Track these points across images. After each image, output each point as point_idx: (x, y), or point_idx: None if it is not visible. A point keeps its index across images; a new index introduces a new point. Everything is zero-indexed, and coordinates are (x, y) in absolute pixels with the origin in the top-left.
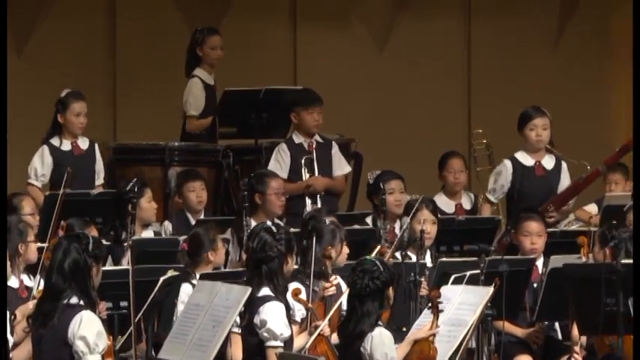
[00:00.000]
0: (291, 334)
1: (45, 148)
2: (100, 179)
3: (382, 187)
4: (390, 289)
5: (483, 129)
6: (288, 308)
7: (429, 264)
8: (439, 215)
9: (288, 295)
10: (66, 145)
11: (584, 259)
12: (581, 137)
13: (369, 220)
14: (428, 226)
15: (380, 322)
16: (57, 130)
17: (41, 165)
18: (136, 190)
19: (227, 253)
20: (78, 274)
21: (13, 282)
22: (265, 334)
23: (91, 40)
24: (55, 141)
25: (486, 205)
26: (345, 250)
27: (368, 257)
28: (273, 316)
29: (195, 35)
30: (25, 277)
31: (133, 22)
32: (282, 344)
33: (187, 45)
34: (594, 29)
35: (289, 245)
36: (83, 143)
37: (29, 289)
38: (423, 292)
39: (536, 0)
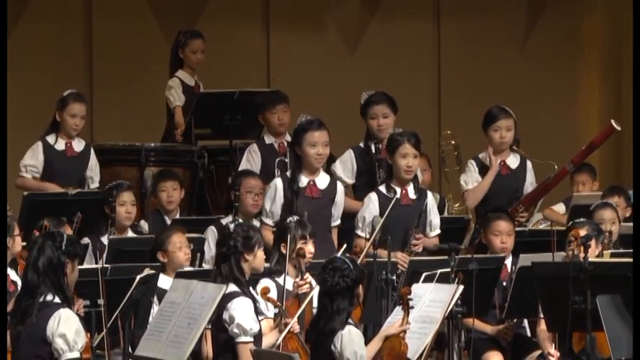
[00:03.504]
0: (260, 329)
1: (39, 144)
2: (95, 183)
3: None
4: (360, 287)
5: (453, 130)
6: (255, 303)
7: (412, 196)
8: None
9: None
10: (60, 145)
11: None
12: (550, 137)
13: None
14: (410, 160)
15: (350, 320)
16: (55, 128)
17: (33, 160)
18: (114, 193)
19: (201, 253)
20: (51, 271)
21: None
22: (235, 330)
23: (67, 42)
24: (50, 138)
25: (470, 190)
26: (311, 248)
27: (338, 255)
28: (241, 312)
29: (179, 37)
30: (11, 271)
31: (109, 24)
32: (252, 339)
33: (163, 47)
34: (563, 30)
35: (247, 243)
36: (78, 145)
37: (15, 284)
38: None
39: (505, 2)
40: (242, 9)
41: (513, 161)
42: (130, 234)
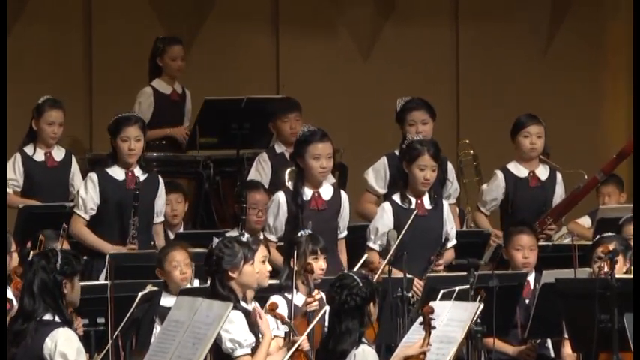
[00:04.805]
0: (257, 340)
1: (18, 157)
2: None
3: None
4: (372, 304)
5: (472, 139)
6: (247, 314)
7: (428, 206)
8: None
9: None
10: (39, 155)
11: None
12: (573, 146)
13: None
14: (428, 172)
15: (364, 340)
16: (32, 137)
17: (13, 173)
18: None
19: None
20: (47, 294)
21: None
22: (230, 345)
23: (66, 45)
24: (29, 149)
25: (480, 215)
26: (322, 264)
27: (348, 271)
28: (233, 326)
29: (156, 44)
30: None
31: (111, 28)
32: (249, 351)
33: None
34: (586, 36)
35: (231, 259)
36: (58, 154)
37: (10, 302)
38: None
39: (526, 6)
40: (250, 12)
41: (543, 173)
42: (138, 170)
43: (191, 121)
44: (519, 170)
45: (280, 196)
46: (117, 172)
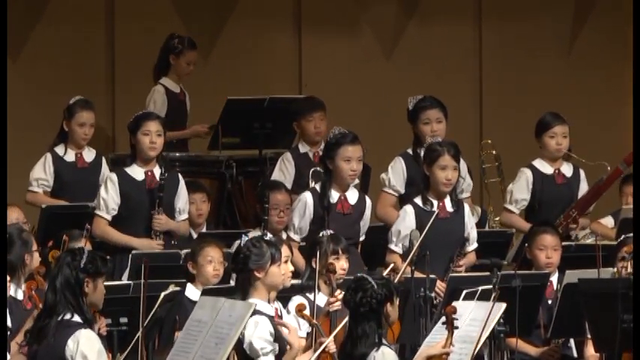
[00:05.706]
0: (281, 346)
1: (48, 156)
2: None
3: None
4: (389, 305)
5: (494, 138)
6: (272, 320)
7: (450, 208)
8: None
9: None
10: (70, 156)
11: None
12: (596, 146)
13: None
14: (449, 172)
15: (384, 341)
16: (63, 138)
17: (44, 173)
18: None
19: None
20: (68, 290)
21: (18, 294)
22: (251, 351)
23: (89, 47)
24: (59, 149)
25: (511, 215)
26: (344, 264)
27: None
28: (256, 331)
29: (174, 42)
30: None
31: (133, 28)
32: (272, 358)
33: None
34: (609, 35)
35: (258, 259)
36: (89, 155)
37: (32, 300)
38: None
39: (549, 6)
40: (272, 11)
41: (567, 169)
42: (157, 169)
43: (213, 120)
44: (545, 167)
45: (307, 196)
46: (136, 172)
